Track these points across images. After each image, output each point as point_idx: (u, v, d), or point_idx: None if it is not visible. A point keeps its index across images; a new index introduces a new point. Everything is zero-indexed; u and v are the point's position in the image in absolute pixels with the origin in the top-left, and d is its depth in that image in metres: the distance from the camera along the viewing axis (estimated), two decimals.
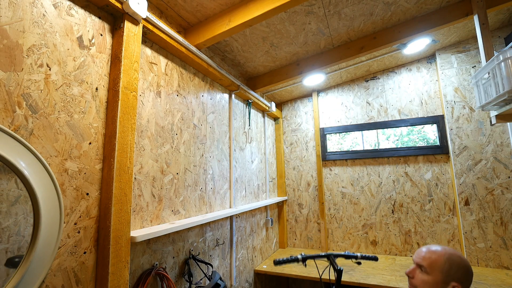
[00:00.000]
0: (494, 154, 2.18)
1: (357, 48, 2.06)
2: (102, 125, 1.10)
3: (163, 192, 1.40)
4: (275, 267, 2.33)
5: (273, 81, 2.40)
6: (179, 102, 1.58)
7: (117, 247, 1.03)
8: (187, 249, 1.53)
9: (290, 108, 3.17)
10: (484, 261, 2.12)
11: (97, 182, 1.06)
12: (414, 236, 2.45)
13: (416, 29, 1.89)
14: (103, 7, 1.13)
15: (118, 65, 1.13)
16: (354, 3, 1.67)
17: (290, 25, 1.79)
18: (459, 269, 0.90)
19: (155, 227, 1.28)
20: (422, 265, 0.95)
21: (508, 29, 2.21)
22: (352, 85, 2.89)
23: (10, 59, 0.83)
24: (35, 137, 0.88)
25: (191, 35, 1.66)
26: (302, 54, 2.18)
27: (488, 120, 2.22)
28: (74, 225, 0.97)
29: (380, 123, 2.69)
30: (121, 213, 1.06)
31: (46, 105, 0.91)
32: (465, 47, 2.38)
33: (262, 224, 2.61)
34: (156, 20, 1.31)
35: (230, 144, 2.10)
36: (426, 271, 0.93)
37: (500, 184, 2.14)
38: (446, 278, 0.90)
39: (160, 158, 1.39)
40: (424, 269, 0.94)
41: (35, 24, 0.91)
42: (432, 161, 2.46)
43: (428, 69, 2.58)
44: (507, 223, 2.10)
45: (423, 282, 0.93)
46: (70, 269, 0.95)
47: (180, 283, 1.45)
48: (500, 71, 1.34)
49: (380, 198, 2.61)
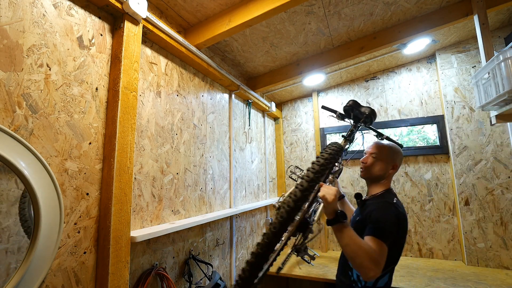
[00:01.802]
0: (494, 154, 2.18)
1: (357, 48, 2.06)
2: (102, 125, 1.10)
3: (163, 192, 1.40)
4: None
5: (273, 81, 2.40)
6: (179, 102, 1.58)
7: (117, 247, 1.03)
8: (187, 249, 1.53)
9: (290, 108, 3.17)
10: (484, 261, 2.12)
11: (97, 182, 1.06)
12: (414, 236, 2.45)
13: (416, 29, 1.89)
14: (103, 7, 1.13)
15: (118, 65, 1.13)
16: (354, 3, 1.67)
17: (290, 25, 1.79)
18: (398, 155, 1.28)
19: (155, 227, 1.28)
20: (374, 153, 1.28)
21: (508, 29, 2.21)
22: (352, 85, 2.89)
23: (10, 59, 0.83)
24: (35, 137, 0.88)
25: (191, 35, 1.66)
26: (302, 54, 2.18)
27: (488, 120, 2.22)
28: (74, 225, 0.97)
29: (380, 123, 2.69)
30: (121, 213, 1.06)
31: (46, 105, 0.91)
32: (465, 47, 2.38)
33: (262, 224, 2.61)
34: (156, 20, 1.31)
35: (230, 144, 2.10)
36: (376, 157, 1.27)
37: (500, 184, 2.14)
38: (389, 160, 1.26)
39: (160, 158, 1.39)
40: (375, 155, 1.27)
41: (35, 24, 0.91)
42: (432, 161, 2.46)
43: (428, 69, 2.58)
44: (507, 223, 2.09)
45: (374, 166, 1.26)
46: (70, 269, 0.95)
47: (180, 283, 1.45)
48: (500, 71, 1.34)
49: None
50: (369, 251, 0.96)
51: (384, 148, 1.28)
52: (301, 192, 0.82)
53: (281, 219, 0.79)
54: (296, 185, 0.83)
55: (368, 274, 0.94)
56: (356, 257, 0.95)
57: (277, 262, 0.92)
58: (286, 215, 0.80)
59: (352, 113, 1.34)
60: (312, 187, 0.83)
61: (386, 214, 1.09)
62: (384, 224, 1.06)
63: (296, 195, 0.81)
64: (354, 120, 1.35)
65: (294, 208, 0.80)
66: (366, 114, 1.29)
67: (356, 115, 1.33)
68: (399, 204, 1.16)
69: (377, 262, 0.96)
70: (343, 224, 0.99)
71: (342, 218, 0.98)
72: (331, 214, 1.00)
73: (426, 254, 2.39)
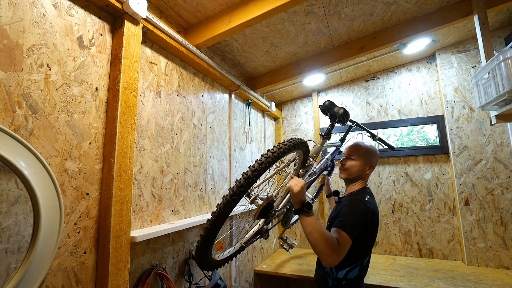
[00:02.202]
0: (494, 154, 2.18)
1: (357, 48, 2.06)
2: (102, 125, 1.10)
3: (163, 192, 1.40)
4: (274, 267, 2.32)
5: (273, 81, 2.40)
6: (179, 102, 1.58)
7: (117, 247, 1.03)
8: (187, 249, 1.53)
9: (290, 108, 3.17)
10: (484, 261, 2.12)
11: (97, 182, 1.06)
12: (414, 236, 2.45)
13: (416, 29, 1.89)
14: (103, 7, 1.13)
15: (118, 65, 1.13)
16: (354, 3, 1.67)
17: (290, 25, 1.79)
18: (374, 156, 1.36)
19: (155, 227, 1.28)
20: (352, 154, 1.37)
21: (508, 29, 2.21)
22: (352, 85, 2.89)
23: (10, 59, 0.83)
24: (35, 137, 0.88)
25: (191, 35, 1.66)
26: (302, 54, 2.18)
27: (488, 120, 2.22)
28: (74, 225, 0.97)
29: (380, 123, 2.69)
30: (121, 213, 1.06)
31: (46, 105, 0.91)
32: (465, 47, 2.38)
33: None
34: (156, 20, 1.31)
35: (230, 144, 2.10)
36: (354, 158, 1.35)
37: (500, 184, 2.14)
38: (367, 161, 1.34)
39: (160, 158, 1.39)
40: (353, 157, 1.36)
41: (35, 24, 0.91)
42: (432, 161, 2.46)
43: (428, 69, 2.58)
44: (507, 223, 2.09)
45: (352, 166, 1.35)
46: (70, 269, 0.95)
47: (180, 283, 1.45)
48: (500, 71, 1.34)
49: (380, 198, 2.61)
50: (330, 239, 1.04)
51: (361, 150, 1.36)
52: (244, 180, 0.89)
53: (225, 202, 0.90)
54: (242, 174, 0.91)
55: (327, 260, 1.02)
56: (317, 244, 1.03)
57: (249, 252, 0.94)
58: (230, 198, 0.89)
59: (328, 112, 1.43)
60: (257, 176, 0.90)
61: (354, 209, 1.18)
62: (350, 218, 1.15)
63: (240, 182, 0.89)
64: (331, 119, 1.44)
65: (237, 193, 0.89)
66: (339, 114, 1.39)
67: (332, 114, 1.42)
68: (370, 202, 1.24)
69: (337, 250, 1.03)
70: (308, 213, 1.07)
71: (307, 208, 1.07)
72: (298, 204, 1.08)
73: (426, 254, 2.40)
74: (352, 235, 1.10)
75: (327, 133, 1.37)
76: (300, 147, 1.08)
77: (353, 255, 1.19)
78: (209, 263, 1.06)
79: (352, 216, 1.15)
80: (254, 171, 0.90)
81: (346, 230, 1.10)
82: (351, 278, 1.23)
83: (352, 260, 1.22)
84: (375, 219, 1.23)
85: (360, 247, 1.20)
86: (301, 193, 1.07)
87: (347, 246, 1.08)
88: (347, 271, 1.23)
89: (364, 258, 1.24)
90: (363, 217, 1.17)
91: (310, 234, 1.05)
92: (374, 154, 1.37)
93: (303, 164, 1.23)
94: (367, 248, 1.24)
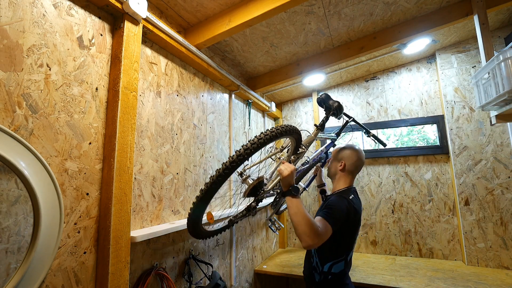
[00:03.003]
0: (494, 154, 2.18)
1: (357, 48, 2.06)
2: (102, 125, 1.10)
3: (163, 192, 1.40)
4: (274, 267, 2.32)
5: (273, 81, 2.39)
6: (179, 102, 1.58)
7: (117, 247, 1.03)
8: (187, 249, 1.53)
9: (290, 108, 3.17)
10: (484, 261, 2.12)
11: (97, 182, 1.06)
12: (414, 236, 2.45)
13: (416, 29, 1.89)
14: (103, 7, 1.13)
15: (118, 65, 1.13)
16: (354, 3, 1.67)
17: (290, 25, 1.79)
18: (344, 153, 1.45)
19: (155, 227, 1.28)
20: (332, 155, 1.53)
21: (508, 29, 2.21)
22: (352, 85, 2.89)
23: (10, 59, 0.83)
24: (35, 137, 0.88)
25: (191, 35, 1.66)
26: (302, 54, 2.18)
27: (488, 120, 2.22)
28: (74, 225, 0.97)
29: (380, 123, 2.69)
30: (121, 213, 1.06)
31: (46, 105, 0.91)
32: (465, 47, 2.38)
33: (262, 224, 2.61)
34: (156, 20, 1.31)
35: (230, 144, 2.10)
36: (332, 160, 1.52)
37: (500, 184, 2.14)
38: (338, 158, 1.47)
39: (160, 158, 1.39)
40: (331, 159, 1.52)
41: (35, 24, 0.91)
42: (432, 161, 2.46)
43: (428, 69, 2.58)
44: (507, 223, 2.09)
45: (329, 165, 1.53)
46: (70, 269, 0.95)
47: (180, 283, 1.45)
48: (500, 71, 1.34)
49: (380, 198, 2.61)
50: (312, 222, 1.11)
51: (335, 151, 1.52)
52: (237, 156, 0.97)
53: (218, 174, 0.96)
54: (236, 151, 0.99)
55: (308, 242, 1.08)
56: (299, 225, 1.10)
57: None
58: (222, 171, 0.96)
59: (324, 104, 1.51)
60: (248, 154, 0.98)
61: (338, 204, 1.27)
62: (334, 211, 1.23)
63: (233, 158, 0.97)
64: (326, 112, 1.51)
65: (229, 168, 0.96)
66: (333, 107, 1.47)
67: (327, 106, 1.51)
68: (354, 201, 1.33)
69: (317, 234, 1.09)
70: (295, 196, 1.15)
71: (294, 191, 1.15)
72: (286, 186, 1.16)
73: (426, 254, 2.40)
74: (334, 226, 1.18)
75: (321, 124, 1.45)
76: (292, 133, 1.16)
77: (336, 249, 1.30)
78: (200, 232, 1.17)
79: (335, 210, 1.24)
80: (247, 149, 0.97)
81: (329, 220, 1.19)
82: (336, 272, 1.31)
83: (336, 254, 1.31)
84: (357, 217, 1.32)
85: (343, 242, 1.30)
86: (290, 177, 1.14)
87: (328, 233, 1.16)
88: (331, 265, 1.31)
89: (347, 253, 1.33)
90: (345, 211, 1.25)
91: (294, 215, 1.12)
92: (343, 151, 1.47)
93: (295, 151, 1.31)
94: (349, 243, 1.33)
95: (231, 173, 0.97)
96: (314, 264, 1.37)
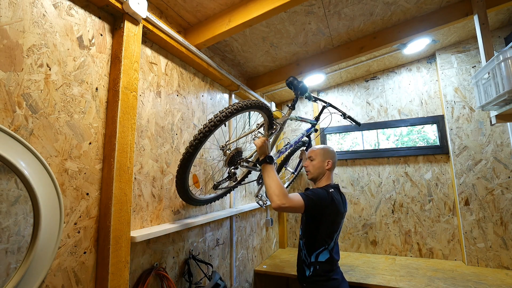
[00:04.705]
0: (494, 154, 2.18)
1: (357, 48, 2.06)
2: (102, 125, 1.10)
3: (163, 192, 1.40)
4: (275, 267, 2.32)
5: (273, 81, 2.39)
6: (179, 102, 1.58)
7: (117, 247, 1.03)
8: (187, 249, 1.53)
9: None
10: (484, 261, 2.12)
11: (97, 182, 1.06)
12: (414, 236, 2.45)
13: (416, 29, 1.89)
14: (103, 7, 1.13)
15: (118, 65, 1.13)
16: (354, 3, 1.67)
17: (290, 25, 1.79)
18: (329, 153, 1.58)
19: (155, 227, 1.28)
20: (311, 156, 1.60)
21: (508, 29, 2.21)
22: (352, 85, 2.89)
23: (10, 59, 0.83)
24: (35, 137, 0.88)
25: (191, 35, 1.66)
26: (302, 54, 2.18)
27: (488, 120, 2.22)
28: (74, 225, 0.97)
29: (380, 123, 2.69)
30: (121, 213, 1.06)
31: (46, 105, 0.91)
32: (465, 47, 2.38)
33: (262, 224, 2.61)
34: (156, 20, 1.31)
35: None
36: (313, 159, 1.58)
37: (500, 184, 2.14)
38: (324, 158, 1.56)
39: (160, 158, 1.39)
40: (312, 159, 1.59)
41: (35, 24, 0.91)
42: (432, 161, 2.46)
43: (428, 69, 2.58)
44: (507, 223, 2.10)
45: (313, 166, 1.57)
46: (70, 269, 0.95)
47: (180, 283, 1.45)
48: (500, 71, 1.34)
49: (380, 198, 2.61)
50: (282, 187, 1.25)
51: (317, 150, 1.61)
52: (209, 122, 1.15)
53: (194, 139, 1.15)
54: (209, 119, 1.17)
55: (276, 201, 1.22)
56: (270, 187, 1.26)
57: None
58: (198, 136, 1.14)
59: (293, 86, 1.63)
60: (220, 122, 1.15)
61: (315, 189, 1.41)
62: (310, 191, 1.38)
63: (196, 137, 1.14)
64: (295, 92, 1.65)
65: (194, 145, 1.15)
66: (299, 86, 1.61)
67: (295, 87, 1.63)
68: (334, 193, 1.42)
69: (286, 197, 1.23)
70: (269, 164, 1.33)
71: (268, 160, 1.33)
72: (261, 155, 1.35)
73: (426, 254, 2.40)
74: (306, 203, 1.30)
75: (292, 104, 1.67)
76: (262, 108, 1.33)
77: (318, 237, 1.42)
78: (189, 197, 1.34)
79: (312, 192, 1.37)
80: (217, 117, 1.16)
81: (302, 196, 1.32)
82: (323, 261, 1.42)
83: (318, 244, 1.43)
84: (334, 206, 1.39)
85: (323, 229, 1.41)
86: (263, 147, 1.34)
87: (297, 202, 1.28)
88: (316, 254, 1.43)
89: (327, 241, 1.43)
90: (323, 197, 1.37)
91: (267, 178, 1.28)
92: (328, 151, 1.60)
93: (270, 127, 1.48)
94: (328, 231, 1.43)
95: (207, 137, 1.15)
96: (303, 257, 1.49)
